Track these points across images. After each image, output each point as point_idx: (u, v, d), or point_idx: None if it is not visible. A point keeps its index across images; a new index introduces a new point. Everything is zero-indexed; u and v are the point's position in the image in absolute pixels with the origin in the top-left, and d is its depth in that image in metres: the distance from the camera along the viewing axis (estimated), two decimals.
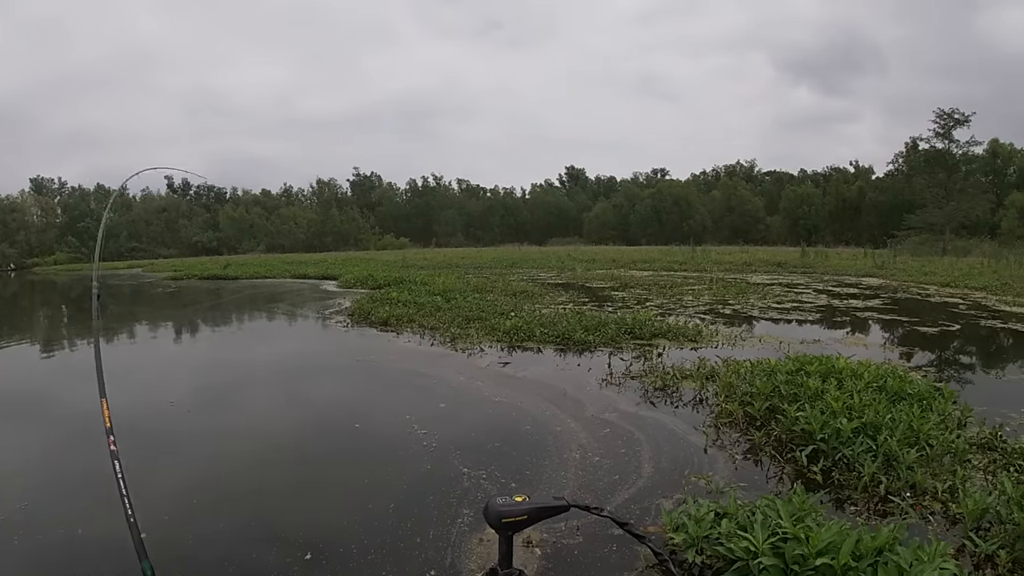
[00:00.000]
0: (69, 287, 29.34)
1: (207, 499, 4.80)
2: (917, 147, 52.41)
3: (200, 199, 79.03)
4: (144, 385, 8.62)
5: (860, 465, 4.50)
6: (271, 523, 4.35)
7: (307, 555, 3.83)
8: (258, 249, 64.64)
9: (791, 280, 21.08)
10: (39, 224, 66.37)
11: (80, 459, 5.60)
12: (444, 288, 17.12)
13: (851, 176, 71.20)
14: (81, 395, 8.14)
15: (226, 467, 5.54)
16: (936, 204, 45.93)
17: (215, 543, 4.07)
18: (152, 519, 4.26)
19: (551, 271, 27.27)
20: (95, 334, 2.62)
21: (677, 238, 57.43)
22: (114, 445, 1.73)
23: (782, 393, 5.85)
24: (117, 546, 3.62)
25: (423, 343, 10.77)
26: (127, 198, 72.17)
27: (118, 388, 8.29)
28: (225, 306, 19.79)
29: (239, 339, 13.87)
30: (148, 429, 6.44)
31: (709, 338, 10.38)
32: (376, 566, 3.69)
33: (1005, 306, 13.61)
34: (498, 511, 1.73)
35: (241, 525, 4.34)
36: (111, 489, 2.73)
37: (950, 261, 26.88)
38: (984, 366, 9.18)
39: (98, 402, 2.68)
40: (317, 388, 8.49)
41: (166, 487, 5.04)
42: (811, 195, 69.25)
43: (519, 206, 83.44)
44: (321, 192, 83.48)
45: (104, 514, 4.40)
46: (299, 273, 29.10)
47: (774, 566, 2.97)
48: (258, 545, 3.99)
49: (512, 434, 5.97)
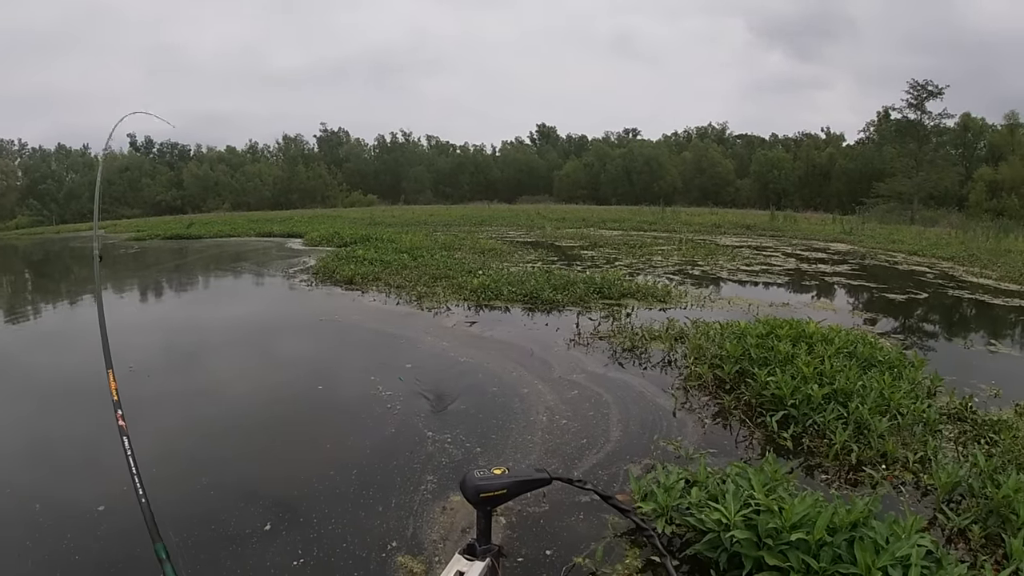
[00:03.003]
0: (30, 251, 28.45)
1: (161, 468, 4.60)
2: (889, 116, 52.69)
3: (164, 157, 76.63)
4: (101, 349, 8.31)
5: (831, 432, 4.46)
6: (229, 492, 4.19)
7: (266, 526, 3.69)
8: (223, 207, 63.18)
9: (760, 243, 21.12)
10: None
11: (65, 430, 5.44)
12: (411, 246, 16.85)
13: (822, 142, 71.43)
14: (58, 362, 7.91)
15: (183, 434, 5.32)
16: (906, 174, 46.29)
17: (170, 515, 3.88)
18: (110, 490, 4.11)
19: (520, 229, 27.07)
20: (98, 301, 2.38)
21: (647, 198, 57.35)
22: (123, 420, 1.55)
23: (752, 357, 5.81)
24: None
25: (389, 302, 10.56)
26: (89, 157, 69.98)
27: (76, 353, 8.13)
28: (188, 266, 19.28)
29: (201, 300, 13.52)
30: (105, 396, 6.21)
31: (678, 299, 10.33)
32: (336, 537, 3.56)
33: (972, 277, 13.73)
34: (476, 485, 1.61)
35: (198, 495, 4.15)
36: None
37: (918, 230, 27.12)
38: (951, 335, 9.23)
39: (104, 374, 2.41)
40: (279, 349, 8.28)
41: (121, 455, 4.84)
42: (782, 159, 69.44)
43: (489, 163, 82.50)
44: (287, 148, 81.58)
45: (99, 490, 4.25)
46: (264, 231, 28.47)
47: (747, 539, 2.90)
48: (215, 515, 3.84)
49: (478, 396, 5.86)
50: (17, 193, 64.28)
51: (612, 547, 3.36)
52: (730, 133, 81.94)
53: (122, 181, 66.80)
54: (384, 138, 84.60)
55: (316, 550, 3.45)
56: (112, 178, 65.92)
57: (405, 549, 3.41)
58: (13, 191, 64.33)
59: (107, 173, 65.30)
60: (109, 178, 65.27)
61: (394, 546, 3.44)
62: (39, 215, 60.69)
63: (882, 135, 56.24)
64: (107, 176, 65.05)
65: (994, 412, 5.19)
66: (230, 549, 3.48)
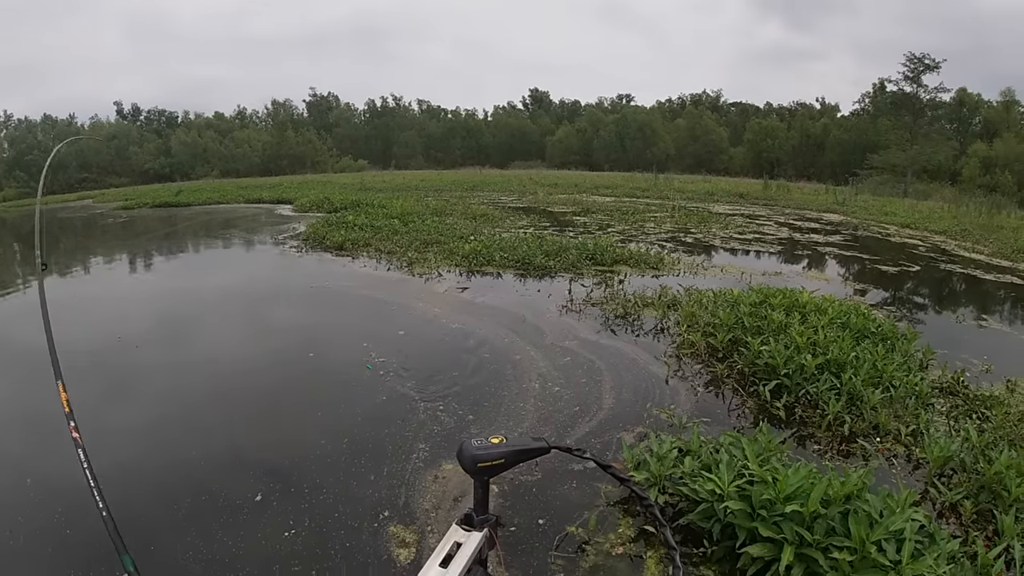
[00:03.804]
0: (17, 224, 28.10)
1: (154, 439, 4.58)
2: (885, 88, 52.14)
3: (151, 124, 75.37)
4: (91, 320, 8.22)
5: (824, 403, 4.46)
6: (220, 462, 4.17)
7: (257, 496, 3.67)
8: (212, 174, 62.20)
9: (753, 211, 21.00)
10: None
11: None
12: (402, 211, 16.70)
13: (816, 113, 70.60)
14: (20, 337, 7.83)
15: (173, 404, 5.27)
16: (900, 146, 45.89)
17: (163, 486, 3.86)
18: (99, 460, 4.04)
19: (512, 195, 26.85)
20: (43, 308, 2.23)
21: (640, 165, 56.85)
22: (76, 432, 1.46)
23: (745, 325, 5.79)
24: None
25: (379, 268, 10.48)
26: (75, 127, 68.78)
27: (64, 325, 8.01)
28: (177, 234, 19.07)
29: (190, 268, 13.38)
30: (93, 367, 6.17)
31: (671, 266, 10.28)
32: (328, 507, 3.54)
33: (964, 251, 13.69)
34: (473, 455, 1.55)
35: (189, 467, 4.11)
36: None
37: (910, 203, 27.01)
38: (942, 309, 9.20)
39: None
40: (269, 317, 8.19)
41: (110, 427, 4.81)
42: (776, 128, 68.75)
43: (481, 128, 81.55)
44: (276, 114, 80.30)
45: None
46: (254, 198, 28.17)
47: (740, 510, 2.88)
48: (207, 486, 3.81)
49: (470, 363, 5.82)
50: (3, 165, 63.24)
51: (605, 516, 3.35)
52: (724, 101, 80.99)
53: (109, 150, 65.80)
54: (374, 103, 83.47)
55: (307, 520, 3.42)
56: (99, 147, 64.99)
57: (397, 519, 3.39)
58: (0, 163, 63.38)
59: (93, 142, 64.41)
60: (96, 147, 64.38)
61: (386, 515, 3.42)
62: (26, 186, 59.70)
63: (877, 107, 55.68)
64: (94, 145, 64.19)
65: (986, 387, 5.18)
66: (221, 519, 3.45)
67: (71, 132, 67.12)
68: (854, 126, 62.26)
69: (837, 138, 63.25)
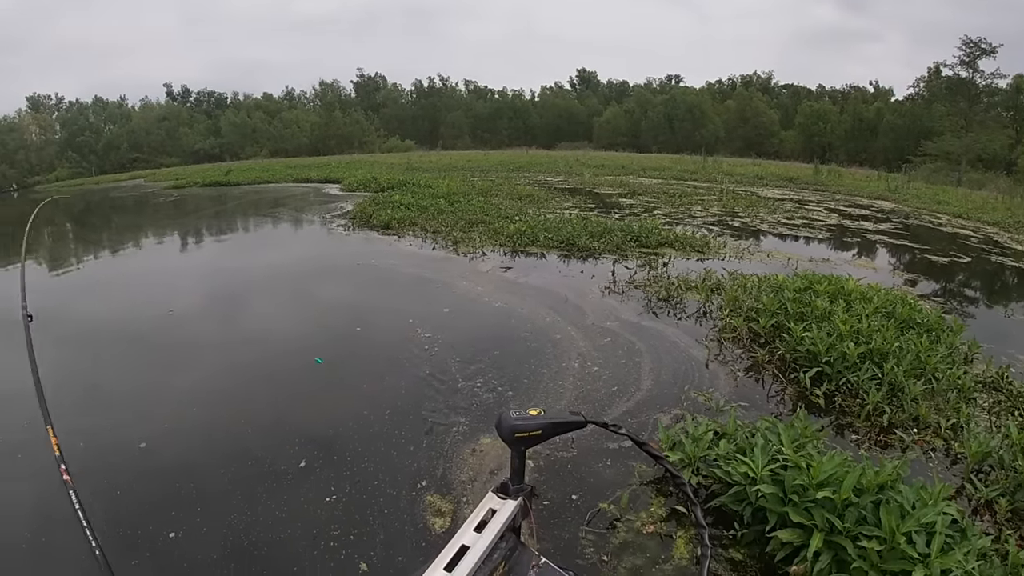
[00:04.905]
0: (71, 203, 29.03)
1: (204, 407, 4.78)
2: (940, 73, 50.19)
3: (201, 106, 76.94)
4: (144, 295, 8.56)
5: (864, 392, 4.39)
6: (267, 430, 4.33)
7: (301, 463, 3.81)
8: (261, 154, 63.37)
9: (802, 196, 20.52)
10: (38, 142, 64.34)
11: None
12: (448, 191, 16.82)
13: (870, 96, 68.15)
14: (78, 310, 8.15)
15: (223, 374, 5.51)
16: (954, 133, 44.32)
17: (211, 451, 4.05)
18: (151, 428, 4.29)
19: (559, 176, 26.77)
20: (31, 356, 2.24)
21: (689, 147, 55.89)
22: (67, 475, 1.53)
23: (789, 311, 5.71)
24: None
25: (425, 247, 10.61)
26: (126, 108, 70.57)
27: (118, 299, 8.37)
28: (227, 213, 19.53)
29: (240, 246, 13.72)
30: (146, 339, 6.46)
31: (716, 250, 10.17)
32: (368, 475, 3.66)
33: (1017, 244, 13.15)
34: (511, 425, 1.60)
35: (237, 432, 4.31)
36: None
37: (964, 192, 25.98)
38: (992, 303, 8.85)
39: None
40: (317, 293, 8.38)
41: (163, 394, 5.04)
42: (828, 112, 66.65)
43: (528, 109, 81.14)
44: (324, 95, 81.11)
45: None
46: (302, 177, 28.63)
47: (772, 494, 2.88)
48: (254, 452, 3.98)
49: (511, 341, 5.90)
50: (56, 146, 65.12)
51: (637, 495, 3.39)
52: (775, 83, 78.92)
53: (160, 131, 67.35)
54: (421, 83, 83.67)
55: (348, 487, 3.54)
56: (150, 128, 66.61)
57: (435, 489, 3.48)
58: (52, 144, 65.16)
59: (145, 123, 66.15)
60: (147, 128, 66.06)
61: (424, 485, 3.52)
62: (78, 167, 61.55)
63: (932, 92, 53.53)
64: (144, 126, 65.90)
65: None
66: (266, 484, 3.60)
67: (122, 114, 68.90)
68: (908, 111, 59.99)
69: (890, 123, 61.04)
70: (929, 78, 54.39)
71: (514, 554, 1.57)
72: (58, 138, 66.34)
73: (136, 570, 3.00)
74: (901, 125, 58.95)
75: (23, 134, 63.87)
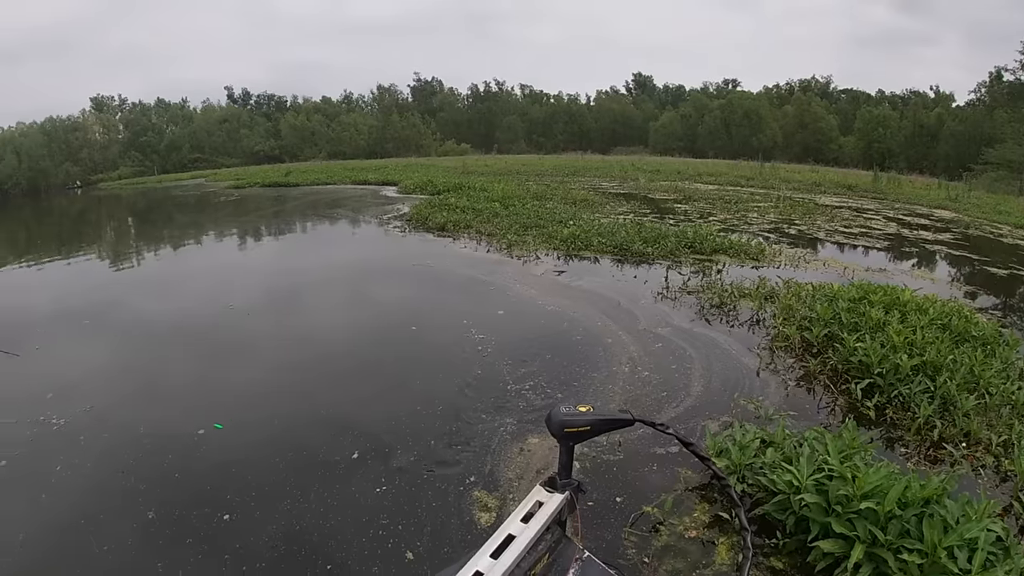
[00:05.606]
0: (134, 201, 30.15)
1: (262, 398, 4.99)
2: (1001, 78, 48.45)
3: (261, 108, 79.02)
4: (206, 290, 8.95)
5: (916, 406, 4.28)
6: (323, 421, 4.51)
7: (354, 454, 3.95)
8: (319, 156, 64.70)
9: (860, 204, 19.96)
10: (101, 141, 67.15)
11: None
12: (503, 195, 16.95)
13: (930, 102, 65.81)
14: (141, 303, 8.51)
15: (283, 367, 5.73)
16: (1017, 141, 42.17)
17: (268, 440, 4.22)
18: (210, 417, 4.50)
19: (614, 180, 26.67)
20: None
21: (746, 153, 54.97)
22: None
23: (842, 321, 5.60)
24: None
25: (479, 249, 10.75)
26: (188, 110, 72.97)
27: (181, 293, 8.74)
28: (286, 213, 20.06)
29: (299, 244, 14.12)
30: (208, 332, 6.78)
31: (771, 258, 10.01)
32: (417, 468, 3.77)
33: None
34: (561, 420, 1.67)
35: (294, 422, 4.50)
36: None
37: None
38: None
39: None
40: (374, 292, 8.61)
41: (225, 384, 5.26)
42: (888, 117, 64.52)
43: (583, 113, 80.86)
44: (382, 98, 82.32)
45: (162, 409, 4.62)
46: (359, 179, 29.19)
47: (816, 504, 2.87)
48: (309, 442, 4.15)
49: (563, 344, 5.95)
50: (119, 146, 67.56)
51: (681, 500, 3.40)
52: (834, 87, 76.91)
53: (221, 132, 69.40)
54: (477, 87, 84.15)
55: (398, 479, 3.66)
56: (211, 129, 68.69)
57: (482, 485, 3.57)
58: (115, 144, 67.67)
59: (206, 124, 68.28)
60: (208, 129, 68.19)
61: (472, 481, 3.61)
62: (141, 166, 63.90)
63: (994, 97, 51.53)
64: (206, 127, 68.05)
65: None
66: (319, 474, 3.75)
67: (184, 115, 71.15)
68: (969, 117, 57.49)
69: (951, 129, 58.55)
70: (990, 83, 52.39)
71: (558, 546, 1.63)
72: (121, 138, 68.80)
73: (190, 548, 3.17)
74: (962, 132, 56.61)
75: (86, 133, 66.46)
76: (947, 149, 57.13)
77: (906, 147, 61.47)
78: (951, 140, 57.72)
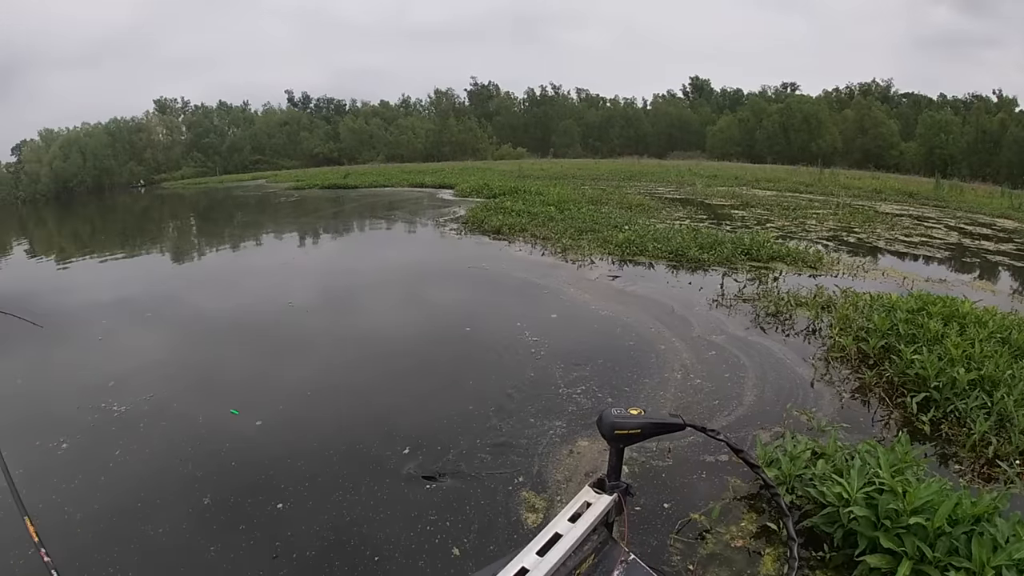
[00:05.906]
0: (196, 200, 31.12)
1: (318, 393, 5.15)
2: None
3: (320, 112, 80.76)
4: (266, 287, 9.24)
5: (971, 421, 4.15)
6: (377, 416, 4.65)
7: (405, 449, 4.06)
8: (377, 159, 65.88)
9: (922, 212, 19.30)
10: (164, 142, 69.82)
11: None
12: (558, 199, 17.00)
13: (993, 106, 63.04)
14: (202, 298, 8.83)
15: (339, 363, 5.93)
16: None
17: (322, 434, 4.37)
18: (268, 409, 4.68)
19: (670, 186, 26.43)
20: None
21: (805, 158, 53.53)
22: (47, 556, 1.68)
23: (900, 332, 5.46)
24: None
25: (534, 253, 10.82)
26: (249, 113, 75.36)
27: (241, 290, 9.04)
28: (345, 214, 20.49)
29: (357, 245, 14.42)
30: (268, 328, 7.04)
31: (829, 266, 9.79)
32: (467, 466, 3.84)
33: None
34: (612, 422, 1.71)
35: (348, 417, 4.66)
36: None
37: None
38: None
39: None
40: (430, 293, 8.78)
41: (281, 379, 5.43)
42: (950, 123, 61.80)
43: (640, 117, 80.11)
44: (439, 102, 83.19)
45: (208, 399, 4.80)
46: (416, 182, 29.63)
47: (865, 518, 2.82)
48: (362, 437, 4.29)
49: (616, 349, 5.96)
50: (182, 147, 69.91)
51: (729, 509, 3.39)
52: (895, 91, 74.29)
53: (281, 134, 71.26)
54: (533, 91, 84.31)
55: (448, 477, 3.75)
56: (272, 131, 70.54)
57: (530, 485, 3.62)
58: (178, 145, 70.10)
59: (267, 127, 70.15)
60: (268, 131, 70.17)
61: (520, 481, 3.67)
62: (203, 166, 66.20)
63: None
64: (267, 130, 69.95)
65: None
66: (370, 468, 3.89)
67: (245, 118, 73.24)
68: None
69: (1015, 136, 55.92)
70: None
71: (604, 547, 1.67)
72: (183, 139, 71.18)
73: (243, 534, 3.31)
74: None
75: (150, 134, 69.01)
76: (1011, 156, 54.49)
77: (968, 153, 58.90)
78: (1014, 147, 55.02)
